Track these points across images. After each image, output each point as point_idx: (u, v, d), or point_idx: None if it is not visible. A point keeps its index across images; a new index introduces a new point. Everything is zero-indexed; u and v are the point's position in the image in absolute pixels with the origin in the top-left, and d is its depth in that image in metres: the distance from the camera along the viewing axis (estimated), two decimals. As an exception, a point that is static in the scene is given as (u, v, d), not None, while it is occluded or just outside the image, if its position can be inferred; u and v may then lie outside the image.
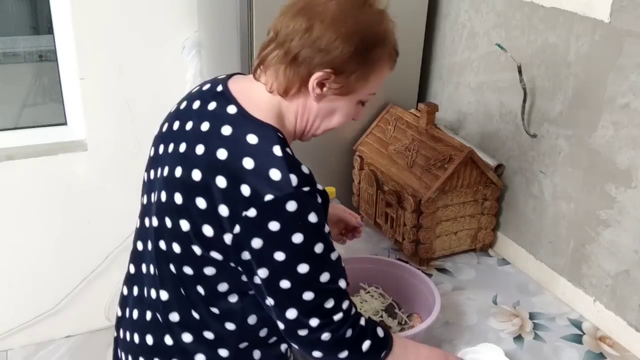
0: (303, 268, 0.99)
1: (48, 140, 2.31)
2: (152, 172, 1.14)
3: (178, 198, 1.04)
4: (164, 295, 1.11)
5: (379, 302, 1.46)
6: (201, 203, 1.01)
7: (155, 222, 1.10)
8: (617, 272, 1.44)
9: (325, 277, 1.01)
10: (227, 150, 1.01)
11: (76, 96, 2.26)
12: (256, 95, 1.07)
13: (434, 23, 1.97)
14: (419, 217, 1.65)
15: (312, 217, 0.99)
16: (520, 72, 1.57)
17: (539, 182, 1.64)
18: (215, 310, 1.08)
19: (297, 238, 0.98)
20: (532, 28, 1.59)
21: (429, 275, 1.62)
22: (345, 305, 1.04)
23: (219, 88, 1.11)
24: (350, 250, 1.68)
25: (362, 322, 1.07)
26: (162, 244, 1.09)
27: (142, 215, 1.17)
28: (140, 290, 1.18)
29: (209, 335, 1.10)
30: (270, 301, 1.02)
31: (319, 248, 1.00)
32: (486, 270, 1.72)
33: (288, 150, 1.03)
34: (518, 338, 1.46)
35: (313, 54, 1.01)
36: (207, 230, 1.01)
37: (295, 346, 1.07)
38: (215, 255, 1.03)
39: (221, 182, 0.99)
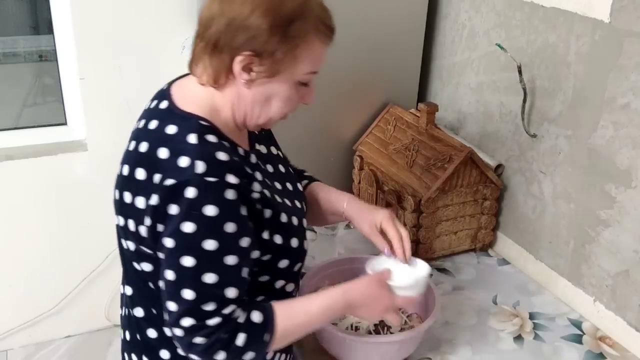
0: (187, 262, 0.95)
1: (48, 140, 2.30)
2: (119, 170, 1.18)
3: (117, 194, 1.07)
4: (129, 291, 1.14)
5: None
6: (127, 197, 1.02)
7: (115, 220, 1.12)
8: (617, 272, 1.44)
9: (210, 278, 0.96)
10: (147, 143, 1.02)
11: (76, 96, 2.26)
12: (190, 90, 1.07)
13: (434, 23, 1.98)
14: (419, 217, 1.65)
15: (209, 210, 0.94)
16: (520, 72, 1.57)
17: (539, 182, 1.64)
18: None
19: (188, 227, 0.94)
20: (532, 28, 1.59)
21: (429, 275, 1.62)
22: (226, 310, 0.98)
23: (165, 86, 1.12)
24: (350, 250, 1.68)
25: (241, 318, 1.00)
26: (121, 241, 1.11)
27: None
28: (123, 288, 1.20)
29: (169, 332, 1.07)
30: (163, 287, 1.00)
31: (209, 245, 0.95)
32: (486, 270, 1.72)
33: (208, 137, 1.00)
34: (518, 338, 1.46)
35: (230, 38, 0.98)
36: (131, 225, 1.02)
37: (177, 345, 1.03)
38: (146, 250, 1.03)
39: (140, 174, 1.00)
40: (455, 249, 1.76)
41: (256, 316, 1.02)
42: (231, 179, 0.96)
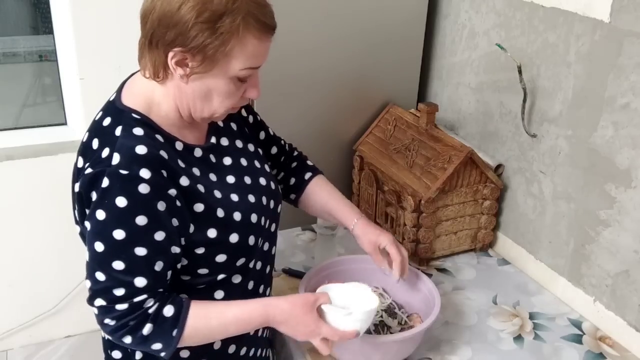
0: (98, 247, 1.00)
1: (48, 140, 2.31)
2: None
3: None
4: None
5: (379, 302, 1.46)
6: (76, 187, 1.05)
7: None
8: (617, 272, 1.44)
9: (118, 265, 1.00)
10: (88, 134, 1.07)
11: (76, 96, 2.26)
12: (135, 84, 1.11)
13: (434, 23, 1.98)
14: (418, 217, 1.65)
15: (120, 201, 0.97)
16: (520, 72, 1.57)
17: (539, 182, 1.64)
18: None
19: (100, 215, 0.99)
20: (532, 28, 1.59)
21: (429, 275, 1.62)
22: (137, 299, 1.02)
23: (126, 79, 1.16)
24: (350, 250, 1.68)
25: (153, 309, 1.03)
26: None
27: None
28: None
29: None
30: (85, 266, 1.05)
31: (118, 234, 0.99)
32: (486, 270, 1.72)
33: (135, 130, 1.03)
34: (518, 338, 1.46)
35: (162, 33, 1.01)
36: (76, 213, 1.08)
37: None
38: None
39: (79, 162, 1.06)
40: (455, 249, 1.76)
41: (168, 310, 1.04)
42: (144, 173, 0.99)
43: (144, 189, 0.98)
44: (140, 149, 1.00)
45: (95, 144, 1.04)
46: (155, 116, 1.08)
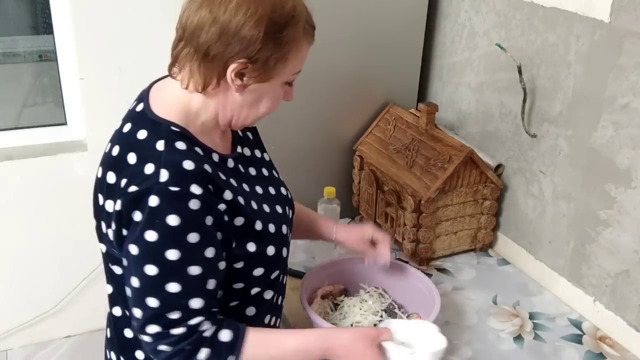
0: (150, 270, 0.94)
1: (48, 140, 2.31)
2: None
3: (93, 196, 1.07)
4: (109, 290, 1.13)
5: (379, 302, 1.46)
6: (100, 199, 1.02)
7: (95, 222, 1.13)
8: (617, 272, 1.44)
9: (173, 287, 0.95)
10: (119, 147, 1.01)
11: (76, 96, 2.26)
12: (167, 93, 1.05)
13: (434, 23, 1.97)
14: (418, 217, 1.65)
15: (172, 220, 0.93)
16: (520, 72, 1.57)
17: (539, 182, 1.64)
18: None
19: (151, 236, 0.93)
20: (532, 28, 1.59)
21: (429, 275, 1.62)
22: (192, 322, 0.98)
23: (147, 87, 1.11)
24: (350, 250, 1.68)
25: (208, 333, 1.00)
26: (100, 244, 1.11)
27: None
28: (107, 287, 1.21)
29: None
30: (128, 294, 0.99)
31: (172, 255, 0.94)
32: (486, 270, 1.72)
33: (178, 144, 0.99)
34: (518, 338, 1.46)
35: (224, 47, 0.97)
36: (103, 227, 1.03)
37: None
38: (116, 253, 1.02)
39: (111, 177, 1.00)
40: (455, 249, 1.76)
41: (225, 335, 1.01)
42: (195, 189, 0.95)
43: (194, 205, 0.94)
44: (188, 164, 0.96)
45: (131, 158, 0.98)
46: (192, 127, 1.03)
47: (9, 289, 2.36)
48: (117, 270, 1.06)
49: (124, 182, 0.97)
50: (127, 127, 1.03)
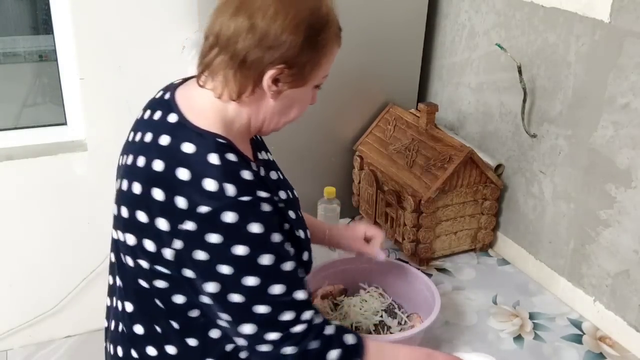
0: (251, 281, 0.94)
1: (48, 140, 2.30)
2: (116, 184, 1.13)
3: (124, 212, 1.02)
4: (129, 307, 1.09)
5: (379, 302, 1.46)
6: (142, 217, 0.98)
7: (115, 235, 1.09)
8: (617, 272, 1.44)
9: (277, 289, 0.96)
10: (162, 161, 0.97)
11: (76, 96, 2.26)
12: (200, 103, 1.02)
13: (434, 23, 1.98)
14: (418, 217, 1.65)
15: (255, 228, 0.93)
16: (520, 72, 1.57)
17: (539, 182, 1.64)
18: (175, 324, 1.05)
19: (240, 250, 0.93)
20: (532, 28, 1.59)
21: (429, 275, 1.62)
22: (306, 316, 0.99)
23: (167, 96, 1.07)
24: (346, 250, 1.68)
25: (329, 330, 1.01)
26: (122, 257, 1.07)
27: (114, 227, 1.15)
28: (114, 302, 1.16)
29: (171, 350, 1.06)
30: (225, 317, 0.98)
31: (266, 260, 0.94)
32: (486, 270, 1.72)
33: (229, 156, 0.97)
34: (518, 338, 1.46)
35: (262, 53, 0.96)
36: (149, 245, 0.98)
37: None
38: (162, 269, 0.99)
39: (158, 194, 0.96)
40: (455, 249, 1.76)
41: (351, 338, 1.03)
42: (262, 193, 0.96)
43: (267, 207, 0.96)
44: (247, 174, 0.96)
45: (183, 174, 0.95)
46: (231, 137, 1.02)
47: (9, 289, 2.36)
48: (161, 284, 1.02)
49: (182, 201, 0.93)
50: (166, 140, 0.99)
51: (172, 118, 1.02)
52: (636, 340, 1.42)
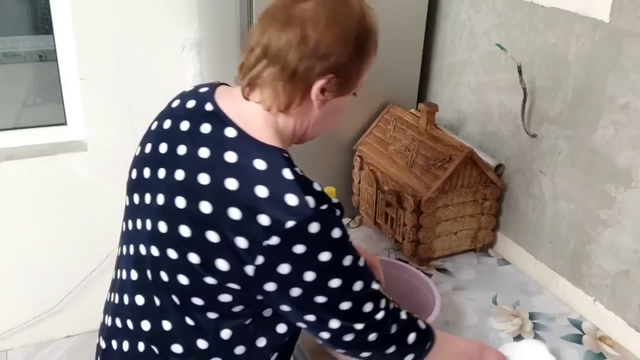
0: (335, 283, 0.98)
1: (48, 140, 2.31)
2: (136, 197, 1.08)
3: (185, 231, 0.99)
4: (167, 326, 1.06)
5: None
6: (212, 236, 0.96)
7: (155, 252, 1.04)
8: (617, 272, 1.44)
9: (358, 285, 1.01)
10: (236, 180, 0.96)
11: (76, 96, 2.26)
12: (253, 116, 1.02)
13: (434, 23, 1.97)
14: (418, 217, 1.65)
15: (336, 233, 0.97)
16: (520, 72, 1.57)
17: (539, 182, 1.64)
18: (225, 335, 1.05)
19: (325, 256, 0.96)
20: (532, 28, 1.59)
21: (429, 275, 1.62)
22: (383, 303, 1.06)
23: (209, 107, 1.04)
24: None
25: (404, 315, 1.09)
26: (164, 275, 1.03)
27: (126, 241, 1.12)
28: (124, 322, 1.13)
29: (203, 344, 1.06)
30: (309, 318, 1.01)
31: (347, 261, 0.99)
32: (486, 270, 1.72)
33: (297, 170, 0.99)
34: (518, 338, 1.46)
35: (313, 63, 0.97)
36: (222, 264, 0.96)
37: (341, 351, 1.08)
38: (233, 285, 0.99)
39: (235, 213, 0.94)
40: (455, 249, 1.76)
41: (422, 324, 1.12)
42: (334, 200, 1.00)
43: (338, 211, 1.00)
44: (317, 185, 0.99)
45: (262, 192, 0.94)
46: (285, 147, 1.03)
47: (9, 289, 2.36)
48: (226, 298, 1.01)
49: (264, 218, 0.93)
50: (233, 157, 0.98)
51: (230, 133, 1.00)
52: (636, 340, 1.42)
